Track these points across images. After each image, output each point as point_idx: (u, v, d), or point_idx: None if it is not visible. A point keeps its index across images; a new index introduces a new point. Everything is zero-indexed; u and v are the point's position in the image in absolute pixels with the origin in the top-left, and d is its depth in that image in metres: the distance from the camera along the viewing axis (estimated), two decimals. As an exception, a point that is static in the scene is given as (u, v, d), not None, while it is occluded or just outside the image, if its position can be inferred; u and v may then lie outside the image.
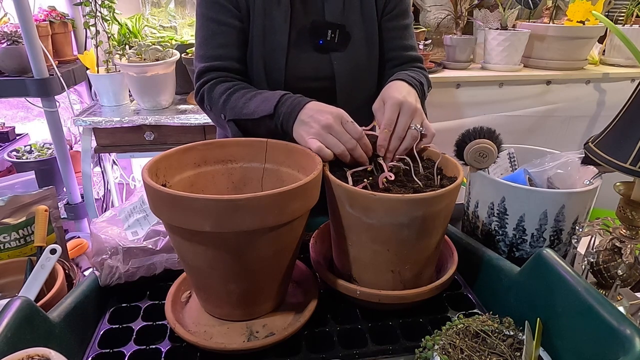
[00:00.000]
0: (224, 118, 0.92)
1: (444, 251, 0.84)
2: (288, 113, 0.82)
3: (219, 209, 0.59)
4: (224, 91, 0.92)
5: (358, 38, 1.00)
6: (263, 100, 0.87)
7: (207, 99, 0.95)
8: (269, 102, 0.85)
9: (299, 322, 0.71)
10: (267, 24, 0.96)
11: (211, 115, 0.99)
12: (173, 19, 2.15)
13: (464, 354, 0.61)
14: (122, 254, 0.81)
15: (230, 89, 0.93)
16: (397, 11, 1.03)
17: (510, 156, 1.02)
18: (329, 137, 0.76)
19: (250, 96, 0.90)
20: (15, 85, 1.81)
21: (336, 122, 0.77)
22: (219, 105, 0.92)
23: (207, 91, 0.95)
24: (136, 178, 2.43)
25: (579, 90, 2.00)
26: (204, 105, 0.98)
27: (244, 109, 0.89)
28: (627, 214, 0.77)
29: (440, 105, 1.89)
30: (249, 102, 0.89)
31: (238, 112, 0.89)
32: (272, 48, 0.96)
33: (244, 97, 0.90)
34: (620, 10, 2.18)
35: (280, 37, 0.96)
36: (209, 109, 0.97)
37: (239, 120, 0.90)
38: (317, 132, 0.77)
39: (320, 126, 0.77)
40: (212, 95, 0.94)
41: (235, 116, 0.90)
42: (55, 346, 0.56)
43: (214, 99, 0.93)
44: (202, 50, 0.97)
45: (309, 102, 0.82)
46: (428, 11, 2.15)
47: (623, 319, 0.56)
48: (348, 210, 0.71)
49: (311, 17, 0.98)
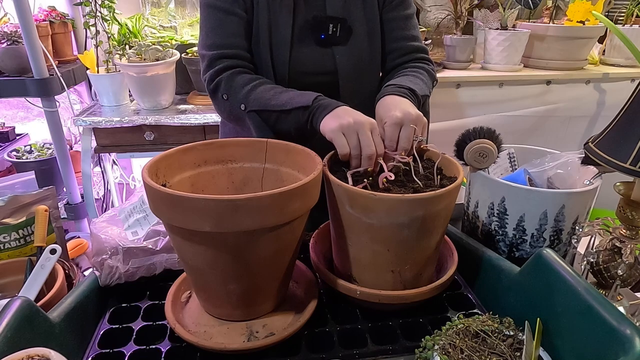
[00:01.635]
0: (244, 109, 0.90)
1: (444, 251, 0.84)
2: (325, 106, 0.83)
3: (219, 209, 0.59)
4: (248, 82, 0.91)
5: (360, 32, 1.00)
6: (298, 94, 0.88)
7: (224, 87, 0.93)
8: (306, 96, 0.86)
9: (299, 322, 0.71)
10: (271, 19, 0.96)
11: (226, 105, 0.95)
12: (173, 19, 2.15)
13: (464, 354, 0.61)
14: (122, 254, 0.81)
15: (255, 81, 0.92)
16: (398, 1, 1.03)
17: (510, 156, 1.02)
18: (354, 135, 0.77)
19: (280, 90, 0.90)
20: (15, 85, 1.81)
21: (368, 127, 0.78)
22: (241, 95, 0.91)
23: (226, 79, 0.93)
24: (136, 178, 2.43)
25: (579, 90, 2.00)
26: (218, 93, 0.95)
27: (272, 100, 0.88)
28: (627, 214, 0.77)
29: (440, 105, 1.89)
30: (280, 95, 0.89)
31: (265, 104, 0.89)
32: (277, 42, 0.96)
33: (272, 90, 0.90)
34: (620, 10, 2.18)
35: (284, 31, 0.96)
36: (224, 98, 0.94)
37: (264, 111, 0.89)
38: (348, 125, 0.77)
39: (354, 121, 0.77)
40: (233, 84, 0.92)
41: (261, 107, 0.89)
42: (55, 346, 0.56)
43: (234, 88, 0.92)
44: (210, 39, 0.96)
45: (346, 105, 0.84)
46: (428, 11, 2.15)
47: (623, 319, 0.56)
48: (348, 210, 0.71)
49: (313, 12, 0.98)
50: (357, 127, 0.77)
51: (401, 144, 0.79)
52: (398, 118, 0.79)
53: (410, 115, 0.80)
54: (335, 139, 0.77)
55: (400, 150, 0.79)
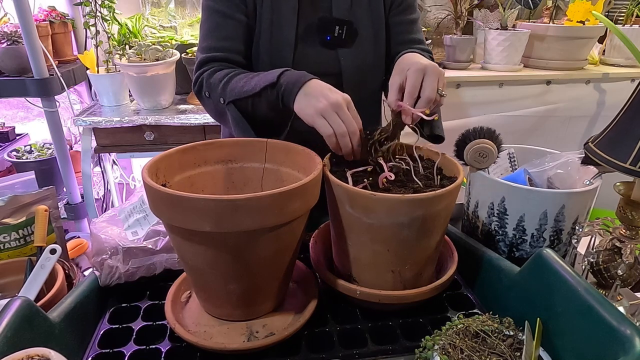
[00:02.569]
0: (224, 102, 0.89)
1: (444, 251, 0.84)
2: (292, 82, 0.80)
3: (219, 209, 0.59)
4: (224, 76, 0.90)
5: (365, 35, 1.00)
6: (266, 74, 0.85)
7: (205, 85, 0.92)
8: (271, 74, 0.83)
9: (299, 322, 0.71)
10: (274, 19, 0.96)
11: (209, 103, 0.94)
12: (173, 19, 2.15)
13: (464, 354, 0.61)
14: (122, 254, 0.81)
15: (230, 73, 0.91)
16: (404, 5, 1.03)
17: (510, 156, 1.02)
18: (335, 117, 0.75)
19: (251, 76, 0.88)
20: (15, 85, 1.81)
21: (344, 104, 0.76)
22: (219, 89, 0.90)
23: (206, 78, 0.92)
24: (136, 178, 2.43)
25: (579, 90, 2.00)
26: (202, 94, 0.94)
27: (244, 87, 0.86)
28: (627, 214, 0.77)
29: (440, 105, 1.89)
30: (250, 80, 0.87)
31: (239, 92, 0.87)
32: (280, 43, 0.96)
33: (245, 77, 0.89)
34: (620, 10, 2.18)
35: (287, 32, 0.96)
36: (207, 96, 0.93)
37: (240, 100, 0.87)
38: (325, 108, 0.75)
39: (329, 103, 0.75)
40: (211, 80, 0.91)
41: (235, 96, 0.87)
42: (55, 346, 0.56)
43: (212, 84, 0.91)
44: (205, 42, 0.96)
45: (314, 78, 0.81)
46: (428, 11, 2.15)
47: (623, 319, 0.56)
48: (348, 210, 0.71)
49: (319, 13, 0.98)
50: (335, 108, 0.75)
51: (425, 94, 0.75)
52: (422, 65, 0.76)
53: (434, 67, 0.77)
54: (316, 124, 0.75)
55: (423, 101, 0.75)
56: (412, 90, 0.75)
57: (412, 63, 0.77)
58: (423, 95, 0.76)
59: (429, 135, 0.92)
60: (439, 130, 0.92)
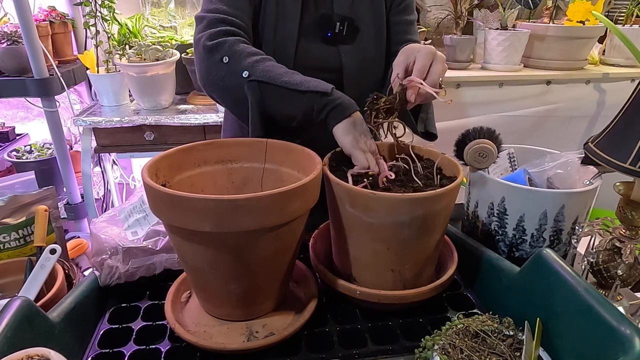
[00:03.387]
0: (247, 76, 0.83)
1: (444, 251, 0.84)
2: (346, 104, 0.81)
3: (219, 209, 0.59)
4: (256, 53, 0.87)
5: (367, 32, 1.00)
6: (314, 80, 0.84)
7: (228, 49, 0.86)
8: (323, 84, 0.83)
9: (299, 322, 0.71)
10: (279, 12, 0.95)
11: (221, 68, 0.86)
12: (173, 19, 2.15)
13: (463, 354, 0.61)
14: (122, 254, 0.81)
15: (263, 54, 0.87)
16: (404, 5, 1.04)
17: (510, 156, 1.02)
18: (371, 157, 0.78)
19: (292, 71, 0.86)
20: (15, 85, 1.81)
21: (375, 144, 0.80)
22: (246, 62, 0.84)
23: (231, 42, 0.86)
24: (136, 178, 2.43)
25: (579, 90, 2.00)
26: (216, 54, 0.86)
27: (285, 77, 0.84)
28: (627, 214, 0.77)
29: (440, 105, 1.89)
30: (293, 75, 0.85)
31: (274, 78, 0.83)
32: (283, 36, 0.96)
33: (283, 68, 0.86)
34: (620, 10, 2.18)
35: (291, 26, 0.96)
36: (223, 61, 0.86)
37: (269, 85, 0.83)
38: (364, 142, 0.78)
39: (366, 139, 0.79)
40: (238, 49, 0.86)
41: (269, 80, 0.83)
42: (55, 346, 0.56)
43: (239, 53, 0.85)
44: (214, 4, 0.90)
45: (358, 109, 0.83)
46: (428, 11, 2.15)
47: (623, 319, 0.56)
48: (348, 210, 0.71)
49: (321, 9, 0.98)
50: (371, 146, 0.79)
51: (432, 77, 0.78)
52: (433, 50, 0.79)
53: (442, 56, 0.80)
54: (355, 156, 0.77)
55: (429, 83, 0.78)
56: (421, 68, 0.78)
57: (422, 47, 0.80)
58: (430, 78, 0.78)
59: (423, 132, 0.93)
60: (432, 128, 0.94)
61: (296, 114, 0.84)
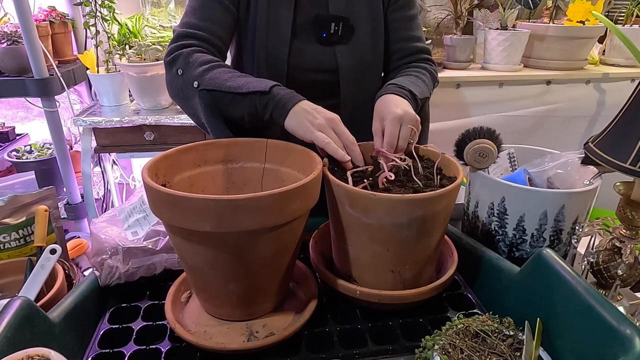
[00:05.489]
0: (197, 86, 0.86)
1: (444, 251, 0.84)
2: (286, 98, 0.81)
3: (219, 209, 0.59)
4: (208, 61, 0.88)
5: (363, 32, 1.00)
6: (255, 80, 0.85)
7: (182, 61, 0.89)
8: (263, 82, 0.84)
9: (299, 322, 0.71)
10: (271, 15, 0.95)
11: (178, 80, 0.90)
12: (173, 19, 2.15)
13: (463, 354, 0.61)
14: (122, 254, 0.81)
15: (214, 62, 0.89)
16: (403, 2, 1.03)
17: (510, 156, 1.02)
18: (332, 132, 0.77)
19: (238, 74, 0.87)
20: (15, 85, 1.81)
21: (338, 120, 0.79)
22: (196, 72, 0.87)
23: (185, 55, 0.89)
24: (136, 178, 2.43)
25: (579, 90, 2.00)
26: (173, 67, 0.90)
27: (228, 82, 0.85)
28: (627, 214, 0.77)
29: (440, 105, 1.89)
30: (237, 78, 0.86)
31: (219, 84, 0.85)
32: (275, 40, 0.96)
33: (230, 73, 0.87)
34: (620, 10, 2.18)
35: (283, 29, 0.95)
36: (178, 73, 0.89)
37: (217, 92, 0.85)
38: (322, 124, 0.77)
39: (326, 119, 0.78)
40: (190, 59, 0.89)
41: (215, 87, 0.85)
42: (55, 346, 0.56)
43: (191, 64, 0.88)
44: (187, 18, 0.93)
45: (305, 99, 0.83)
46: (428, 11, 2.15)
47: (623, 319, 0.56)
48: (348, 211, 0.71)
49: (316, 10, 0.97)
50: (331, 124, 0.78)
51: (400, 143, 0.80)
52: (399, 115, 0.81)
53: (410, 115, 0.81)
54: (314, 137, 0.76)
55: (398, 150, 0.80)
56: (390, 140, 0.80)
57: (389, 112, 0.82)
58: (399, 144, 0.81)
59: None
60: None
61: (243, 115, 0.86)
